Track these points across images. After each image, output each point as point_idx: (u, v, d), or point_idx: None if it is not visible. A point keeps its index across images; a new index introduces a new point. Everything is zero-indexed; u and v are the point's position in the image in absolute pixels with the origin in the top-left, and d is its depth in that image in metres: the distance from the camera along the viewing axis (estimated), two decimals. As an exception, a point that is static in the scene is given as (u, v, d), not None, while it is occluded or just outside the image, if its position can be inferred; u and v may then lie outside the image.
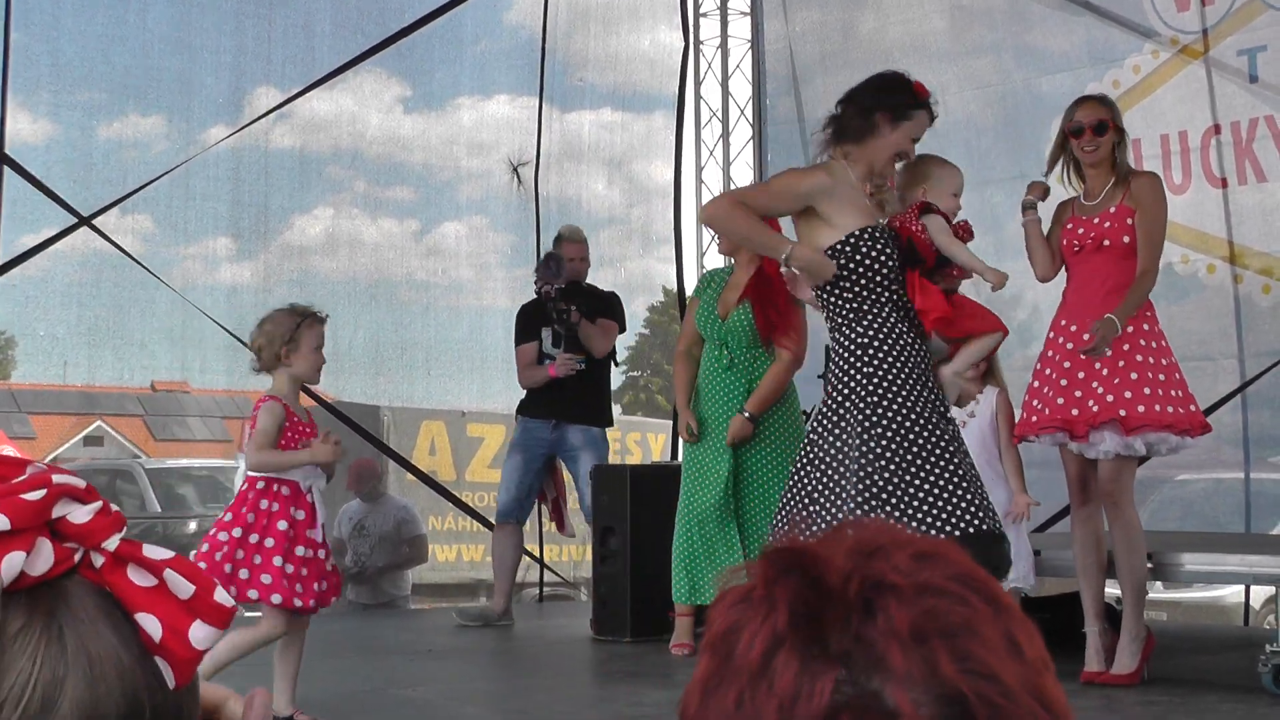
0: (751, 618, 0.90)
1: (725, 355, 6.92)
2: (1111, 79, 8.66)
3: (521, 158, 10.19)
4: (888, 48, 9.71)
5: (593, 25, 10.54)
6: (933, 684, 0.84)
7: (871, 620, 0.87)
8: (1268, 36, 8.11)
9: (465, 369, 10.08)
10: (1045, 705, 0.86)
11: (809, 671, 0.86)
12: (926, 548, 0.91)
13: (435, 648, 7.51)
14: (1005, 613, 0.88)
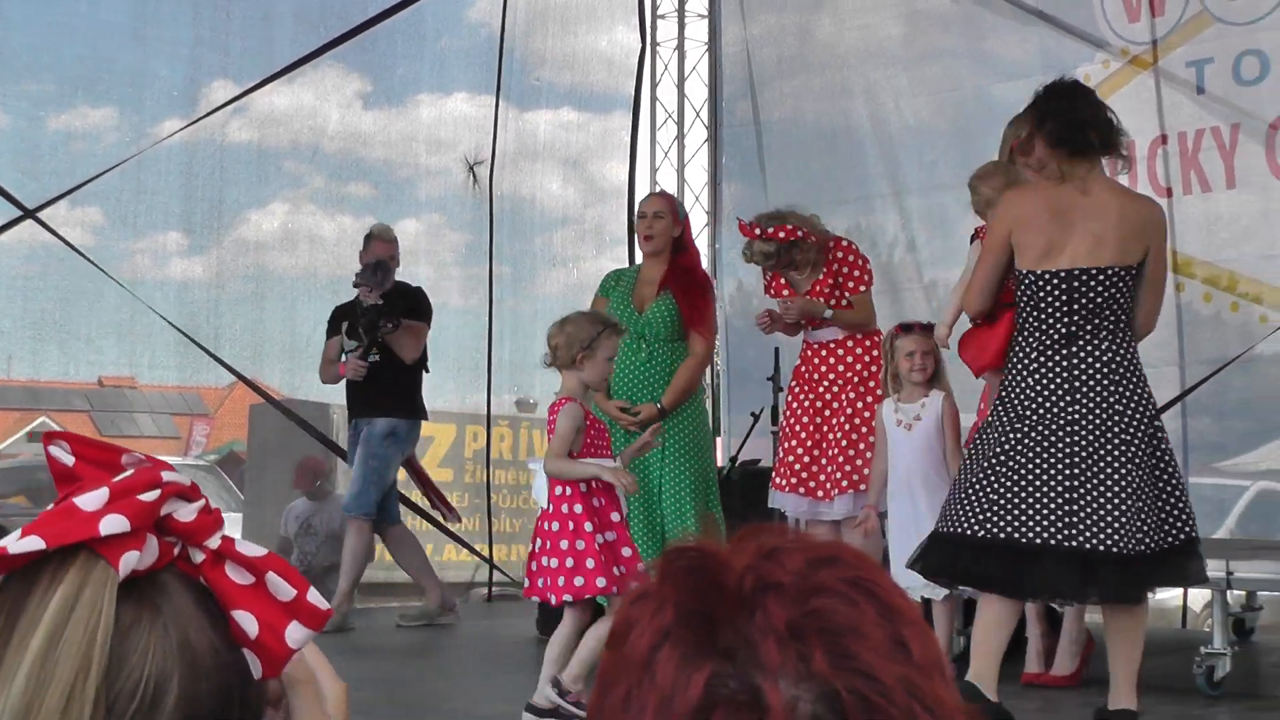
0: (644, 614, 0.93)
1: (644, 349, 6.86)
2: (1062, 88, 8.73)
3: (478, 156, 10.18)
4: (844, 53, 9.78)
5: (550, 24, 10.55)
6: (810, 680, 0.87)
7: (753, 617, 0.89)
8: (1215, 49, 8.21)
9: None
10: (927, 706, 0.88)
11: (688, 665, 0.89)
12: (826, 553, 0.94)
13: (379, 647, 7.49)
14: (895, 616, 0.91)
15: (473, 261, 10.29)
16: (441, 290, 10.37)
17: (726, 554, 0.93)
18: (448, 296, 10.39)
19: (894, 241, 9.16)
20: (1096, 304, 4.79)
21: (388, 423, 8.07)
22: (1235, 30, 8.16)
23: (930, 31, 9.43)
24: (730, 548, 0.94)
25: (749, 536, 0.95)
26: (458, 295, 10.32)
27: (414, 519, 9.74)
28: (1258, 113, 8.00)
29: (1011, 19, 9.01)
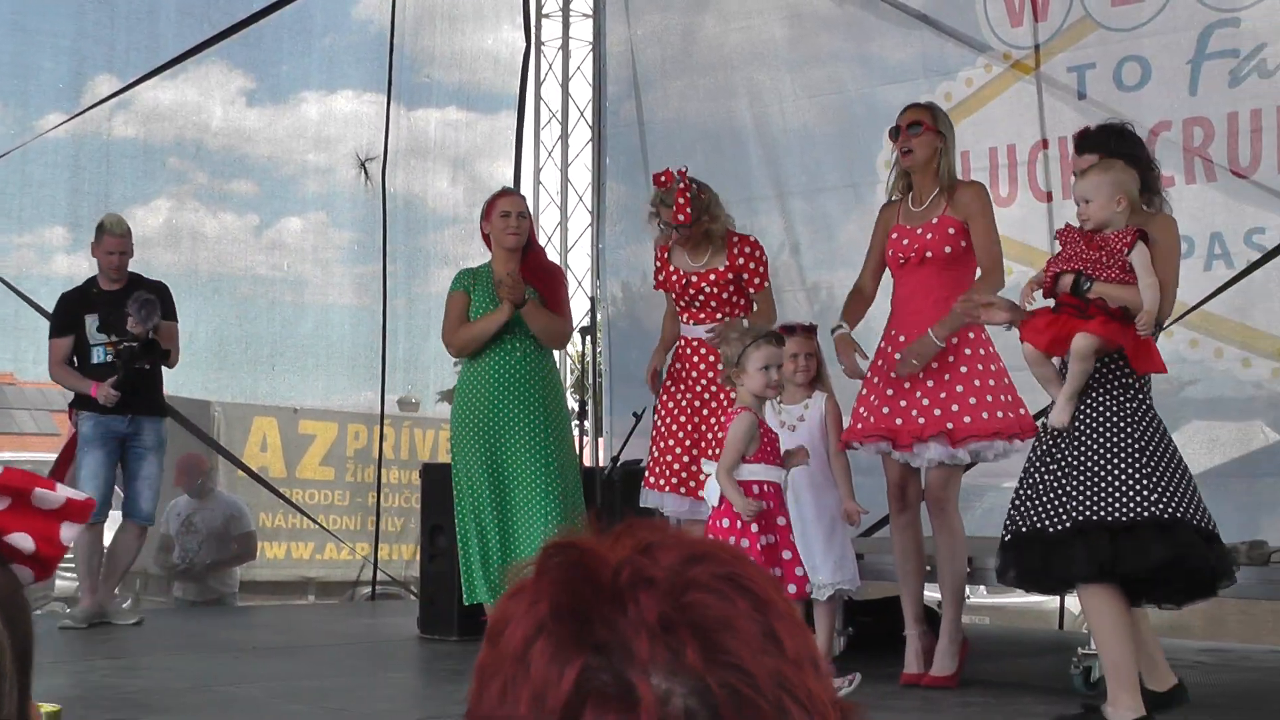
0: (519, 608, 0.94)
1: (517, 347, 6.97)
2: (944, 91, 8.82)
3: (369, 153, 10.10)
4: (728, 54, 9.79)
5: (439, 22, 10.49)
6: (682, 674, 0.88)
7: (625, 612, 0.90)
8: (1097, 54, 8.30)
9: (310, 365, 9.99)
10: (798, 699, 0.90)
11: (560, 659, 0.90)
12: (701, 549, 0.95)
13: (261, 645, 7.42)
14: (768, 610, 0.92)
15: (359, 260, 10.22)
16: (327, 288, 10.28)
17: (603, 549, 0.94)
18: (339, 295, 10.31)
19: (778, 245, 9.18)
20: None
21: (158, 423, 8.13)
22: (1117, 36, 8.25)
23: (814, 34, 9.46)
24: (607, 543, 0.95)
25: (626, 532, 0.96)
26: (345, 293, 10.25)
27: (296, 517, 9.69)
28: (1138, 119, 8.03)
29: (895, 22, 9.07)
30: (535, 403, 6.93)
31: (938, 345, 5.83)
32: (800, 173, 9.39)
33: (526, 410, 6.91)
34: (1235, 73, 7.81)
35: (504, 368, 6.96)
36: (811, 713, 0.90)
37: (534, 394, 6.94)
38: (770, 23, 9.62)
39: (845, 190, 8.87)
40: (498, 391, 6.93)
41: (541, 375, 6.99)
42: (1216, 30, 7.89)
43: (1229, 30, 7.85)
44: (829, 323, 8.46)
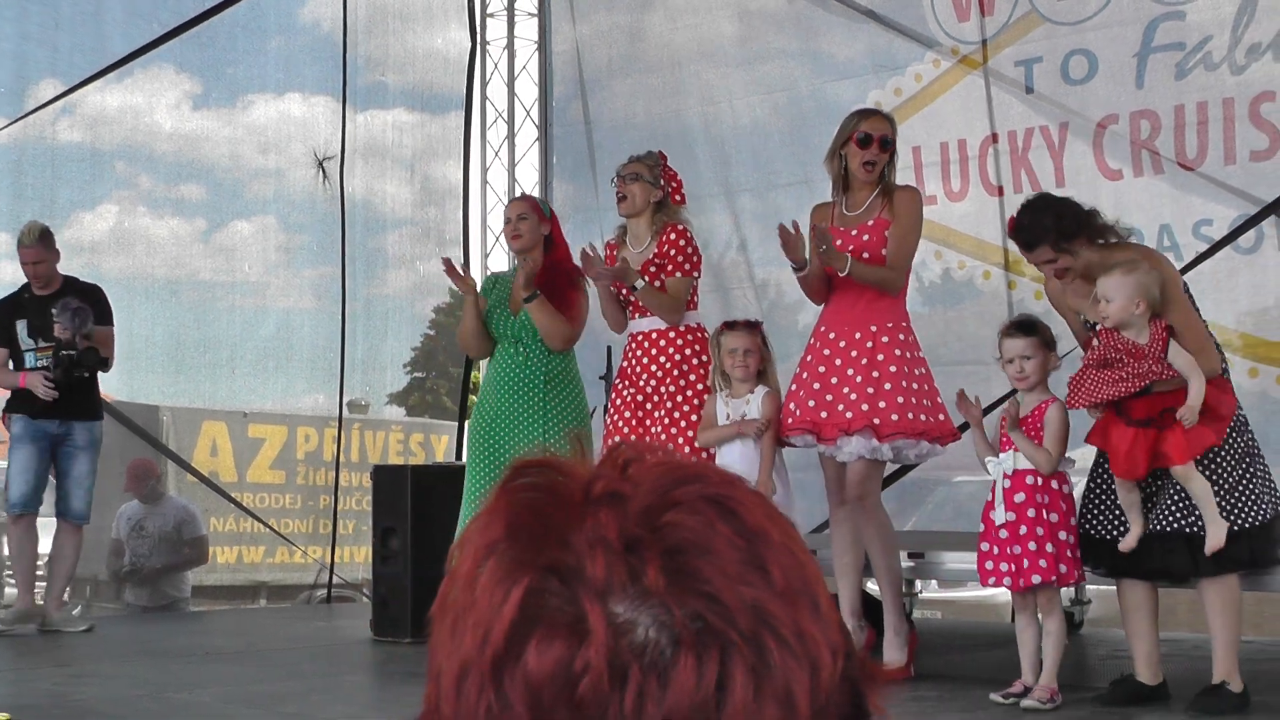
0: (475, 531, 0.85)
1: (520, 351, 6.98)
2: (894, 87, 8.84)
3: (326, 153, 10.05)
4: (676, 52, 9.78)
5: (390, 22, 10.44)
6: (645, 601, 0.78)
7: (582, 528, 0.81)
8: (1044, 48, 8.33)
9: (270, 368, 9.93)
10: (783, 636, 0.79)
11: (506, 581, 0.80)
12: (694, 471, 0.85)
13: (214, 650, 7.37)
14: (757, 538, 0.82)
15: (318, 261, 10.17)
16: (281, 291, 10.23)
17: (575, 467, 0.85)
18: (289, 298, 10.26)
19: (726, 242, 9.18)
20: None
21: (91, 425, 8.10)
22: (1063, 30, 8.28)
23: (763, 31, 9.46)
24: (588, 462, 0.86)
25: (616, 451, 0.86)
26: (305, 295, 10.20)
27: (248, 521, 9.63)
28: (1085, 112, 8.13)
29: (843, 18, 9.08)
30: (534, 406, 6.91)
31: (848, 265, 5.88)
32: (751, 170, 9.38)
33: (527, 413, 6.90)
34: (1181, 66, 7.85)
35: (508, 370, 6.99)
36: (799, 653, 0.79)
37: (534, 396, 6.93)
38: (718, 20, 9.61)
39: (797, 187, 8.85)
40: (501, 394, 6.98)
41: (544, 377, 6.97)
42: (1162, 23, 7.92)
43: (1174, 23, 7.89)
44: (778, 320, 8.51)
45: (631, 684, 0.77)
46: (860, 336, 5.99)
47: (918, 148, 8.69)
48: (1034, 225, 5.42)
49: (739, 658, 0.78)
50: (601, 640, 0.77)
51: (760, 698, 0.78)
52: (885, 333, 5.98)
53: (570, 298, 7.03)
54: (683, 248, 6.60)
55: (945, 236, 8.67)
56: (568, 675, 0.78)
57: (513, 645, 0.79)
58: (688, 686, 0.77)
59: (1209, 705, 5.18)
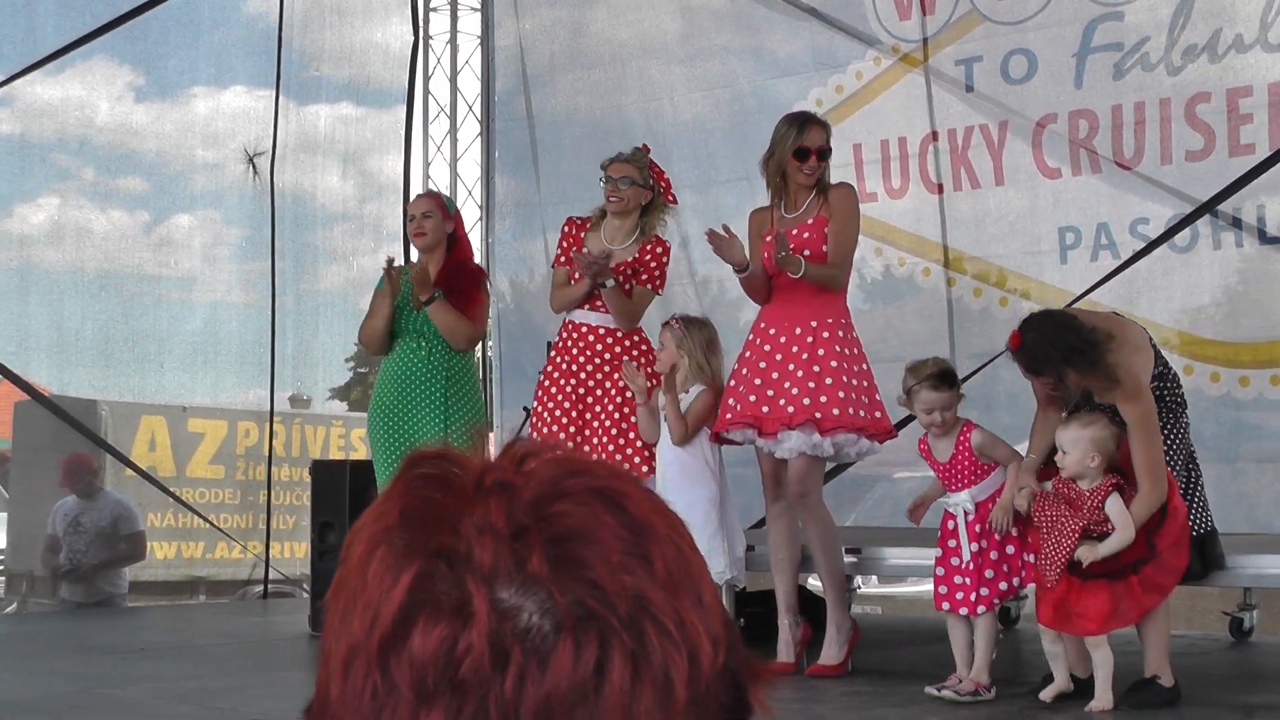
0: (369, 519, 0.87)
1: (423, 346, 6.97)
2: (835, 84, 8.87)
3: (258, 148, 9.97)
4: (618, 48, 9.77)
5: (328, 16, 10.38)
6: (529, 587, 0.81)
7: (473, 517, 0.83)
8: (984, 48, 8.38)
9: (199, 363, 9.86)
10: (663, 624, 0.82)
11: (396, 567, 0.83)
12: (585, 465, 0.88)
13: (150, 646, 7.32)
14: (643, 531, 0.85)
15: (249, 256, 10.11)
16: (215, 285, 10.16)
17: (470, 459, 0.88)
18: (226, 292, 10.19)
19: (667, 238, 9.17)
20: None
21: None
22: (1003, 29, 8.34)
23: (705, 27, 9.47)
24: (481, 455, 0.88)
25: (512, 446, 0.89)
26: (234, 290, 10.13)
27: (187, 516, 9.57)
28: (1025, 111, 8.18)
29: (785, 15, 9.10)
30: (436, 402, 6.93)
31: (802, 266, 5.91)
32: (692, 166, 9.39)
33: (428, 409, 6.92)
34: (1119, 66, 7.92)
35: (410, 367, 6.98)
36: (678, 641, 0.82)
37: (435, 393, 6.94)
38: (661, 16, 9.62)
39: (739, 183, 8.87)
40: (400, 390, 6.98)
41: (446, 375, 6.98)
42: (1100, 24, 7.99)
43: (1113, 24, 7.96)
44: (720, 316, 8.51)
45: (512, 666, 0.80)
46: (801, 332, 6.01)
47: (858, 145, 8.73)
48: (1041, 356, 5.28)
49: (618, 643, 0.81)
50: (484, 623, 0.80)
51: (638, 682, 0.81)
52: (826, 328, 6.00)
53: (474, 297, 7.05)
54: (663, 264, 6.66)
55: (886, 234, 8.71)
56: (451, 657, 0.80)
57: (399, 628, 0.81)
58: (566, 669, 0.80)
59: (1140, 699, 5.22)
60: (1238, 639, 7.19)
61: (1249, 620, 7.21)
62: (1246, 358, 7.58)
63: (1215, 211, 7.43)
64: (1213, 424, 7.41)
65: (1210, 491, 5.68)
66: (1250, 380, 7.54)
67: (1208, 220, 7.54)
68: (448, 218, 7.12)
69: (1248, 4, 7.56)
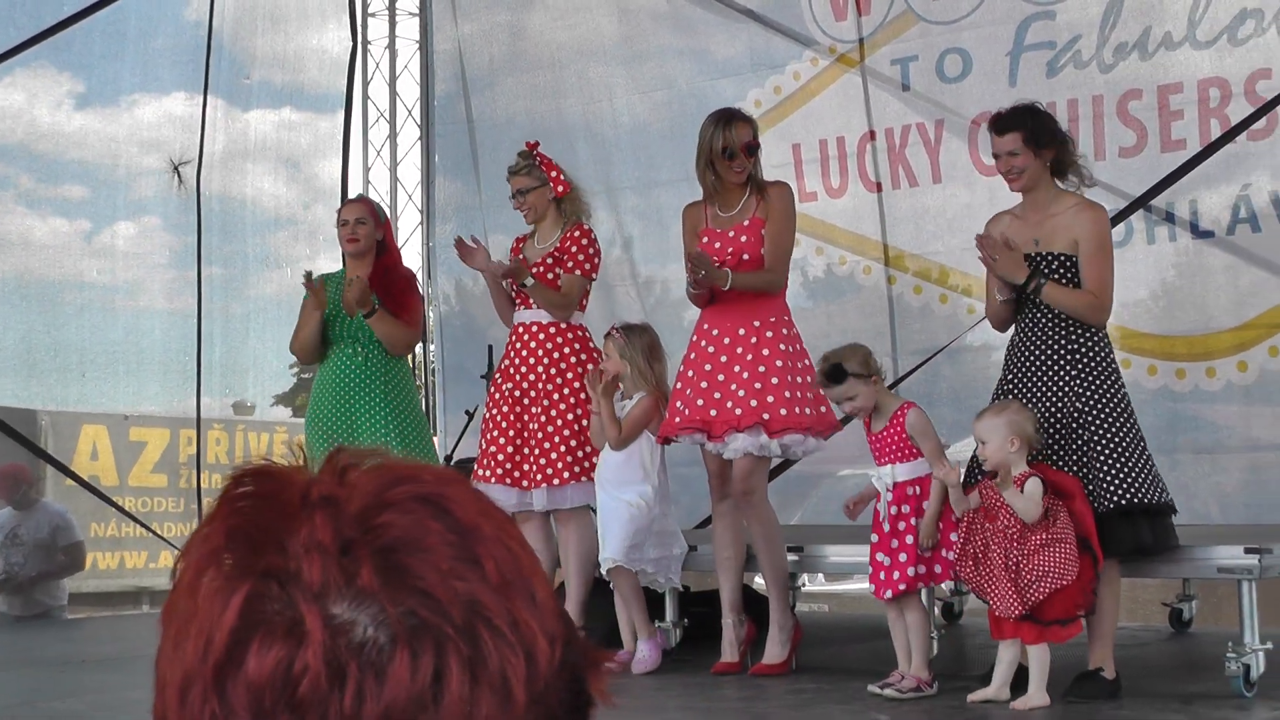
0: (198, 539, 0.86)
1: (358, 352, 6.96)
2: (773, 85, 8.90)
3: (183, 156, 9.89)
4: (557, 51, 9.77)
5: (261, 22, 10.31)
6: (360, 601, 0.81)
7: (298, 533, 0.83)
8: (919, 47, 8.44)
9: (121, 372, 9.76)
10: (497, 626, 0.83)
11: (227, 589, 0.82)
12: (409, 472, 0.88)
13: (90, 657, 7.25)
14: (470, 534, 0.85)
15: (178, 265, 10.03)
16: (144, 293, 10.09)
17: (294, 473, 0.87)
18: (151, 300, 10.12)
19: (610, 240, 9.19)
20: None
21: None
22: (938, 29, 8.40)
23: (644, 29, 9.48)
24: (304, 467, 0.88)
25: (335, 457, 0.89)
26: (165, 297, 10.05)
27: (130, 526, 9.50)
28: (960, 109, 8.24)
29: (723, 17, 9.13)
30: (376, 408, 6.94)
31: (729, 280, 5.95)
32: (633, 168, 9.41)
33: (371, 415, 6.92)
34: (1052, 64, 8.00)
35: (347, 373, 6.97)
36: (514, 642, 0.82)
37: (377, 399, 6.95)
38: (599, 19, 9.62)
39: (679, 184, 8.85)
40: (339, 397, 6.96)
41: (385, 380, 6.99)
42: (1033, 23, 8.06)
43: (1045, 23, 8.03)
44: (662, 317, 8.54)
45: (350, 682, 0.80)
46: (744, 333, 6.03)
47: (797, 145, 8.77)
48: (1014, 114, 5.54)
49: (453, 650, 0.81)
50: (319, 641, 0.80)
51: (476, 687, 0.81)
52: (769, 327, 6.03)
53: (408, 302, 7.10)
54: (584, 246, 6.63)
55: (826, 232, 8.75)
56: (287, 677, 0.80)
57: (234, 652, 0.81)
58: (403, 681, 0.80)
59: (1084, 690, 5.27)
60: (1177, 630, 7.27)
61: (1188, 611, 7.29)
62: (1182, 351, 7.67)
63: (1149, 207, 7.50)
64: (1150, 416, 7.46)
65: (1148, 483, 5.72)
66: (1186, 373, 7.63)
67: (1142, 215, 7.61)
68: (378, 225, 7.17)
69: (1176, 2, 7.65)
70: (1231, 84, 7.48)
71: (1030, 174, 5.51)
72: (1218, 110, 7.51)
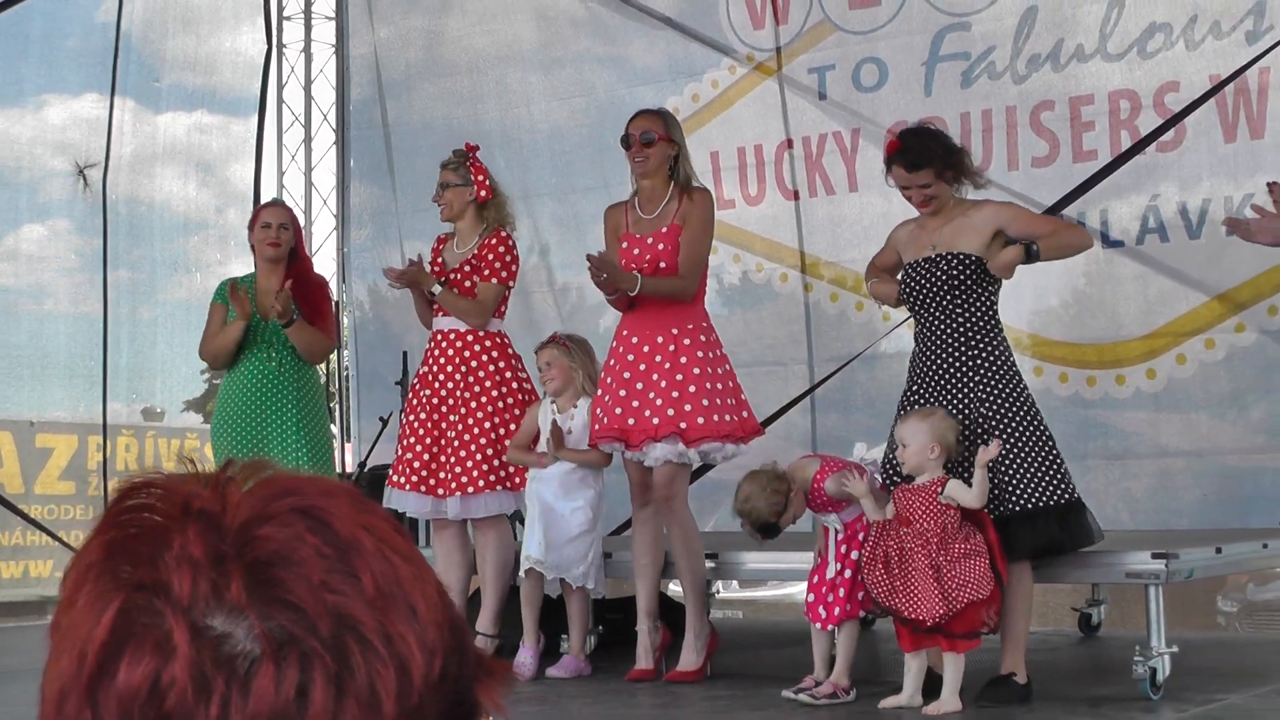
0: (80, 552, 0.87)
1: (273, 357, 6.89)
2: (691, 93, 8.93)
3: (89, 160, 9.75)
4: (475, 56, 9.74)
5: (172, 24, 10.18)
6: (231, 614, 0.81)
7: (171, 546, 0.83)
8: (836, 56, 8.49)
9: (27, 377, 9.61)
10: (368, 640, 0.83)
11: (101, 601, 0.83)
12: (292, 485, 0.88)
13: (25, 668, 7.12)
14: (348, 547, 0.85)
15: (94, 267, 9.89)
16: (48, 298, 9.95)
17: (179, 485, 0.87)
18: (55, 304, 9.98)
19: (528, 247, 9.16)
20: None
21: None
22: (855, 39, 8.45)
23: (562, 36, 9.48)
24: (192, 481, 0.87)
25: (223, 470, 0.89)
26: (71, 301, 9.91)
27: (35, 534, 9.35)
28: (876, 118, 8.29)
29: (641, 24, 9.14)
30: (290, 415, 6.87)
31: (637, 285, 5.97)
32: (550, 174, 9.40)
33: (281, 422, 6.85)
34: (967, 75, 8.08)
35: (260, 379, 6.88)
36: (385, 655, 0.83)
37: (288, 406, 6.88)
38: (517, 24, 9.60)
39: (598, 191, 8.88)
40: (251, 403, 6.88)
41: (298, 387, 6.93)
42: (949, 34, 8.14)
43: (960, 34, 8.11)
44: (579, 324, 8.54)
45: (215, 695, 0.80)
46: (663, 340, 6.03)
47: (716, 152, 8.79)
48: (923, 149, 5.55)
49: (319, 664, 0.81)
50: (186, 654, 0.80)
51: (341, 700, 0.82)
52: (687, 335, 6.03)
53: (324, 309, 7.06)
54: (501, 254, 6.59)
55: (743, 240, 8.79)
56: (155, 689, 0.81)
57: (106, 664, 0.82)
58: (267, 695, 0.81)
59: (996, 695, 5.30)
60: (1086, 634, 7.35)
61: (1097, 615, 7.36)
62: (1093, 358, 7.76)
63: (1061, 216, 7.58)
64: (1061, 423, 7.54)
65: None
66: (1097, 380, 7.72)
67: (1054, 225, 7.69)
68: (297, 230, 7.15)
69: (1088, 15, 7.75)
70: (1141, 96, 7.59)
71: (941, 198, 5.56)
72: (1128, 122, 7.62)
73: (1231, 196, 7.34)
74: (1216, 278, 7.43)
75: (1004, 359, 5.51)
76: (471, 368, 6.53)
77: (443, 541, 6.63)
